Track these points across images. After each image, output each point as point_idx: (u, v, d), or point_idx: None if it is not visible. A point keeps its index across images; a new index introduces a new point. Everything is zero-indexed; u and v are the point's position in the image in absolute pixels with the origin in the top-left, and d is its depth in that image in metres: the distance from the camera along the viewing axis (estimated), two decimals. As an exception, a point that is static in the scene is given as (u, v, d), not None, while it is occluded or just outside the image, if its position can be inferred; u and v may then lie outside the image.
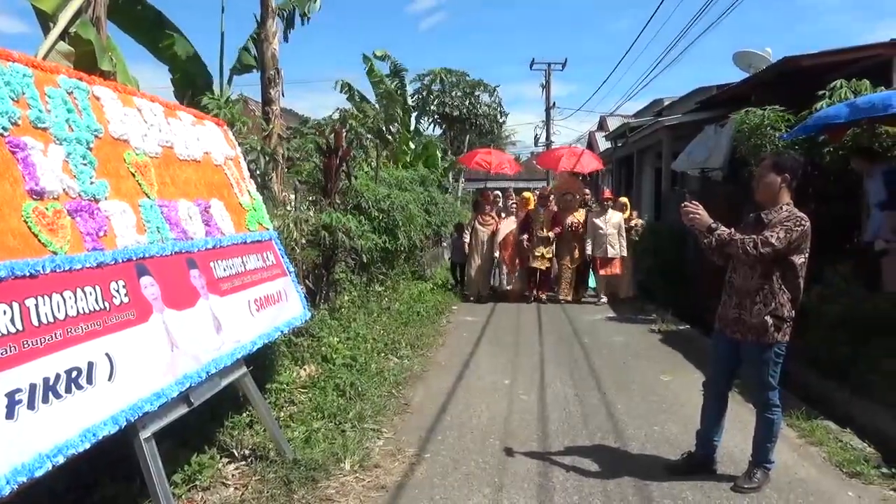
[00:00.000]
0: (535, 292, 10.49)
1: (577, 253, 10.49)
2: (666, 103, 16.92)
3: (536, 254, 10.26)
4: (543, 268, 10.40)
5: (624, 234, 10.32)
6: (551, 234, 10.26)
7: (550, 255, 10.40)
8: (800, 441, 4.43)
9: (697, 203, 3.62)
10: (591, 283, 11.06)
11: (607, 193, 11.15)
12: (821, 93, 7.14)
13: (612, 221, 10.30)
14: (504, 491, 3.66)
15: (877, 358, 4.92)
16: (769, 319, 3.44)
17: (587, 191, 12.72)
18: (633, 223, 10.69)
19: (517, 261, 10.59)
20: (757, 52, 12.58)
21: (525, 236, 10.28)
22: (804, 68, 8.32)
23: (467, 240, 10.92)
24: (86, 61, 4.87)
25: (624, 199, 11.33)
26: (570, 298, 10.46)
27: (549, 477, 3.84)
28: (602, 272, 10.43)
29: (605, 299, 10.45)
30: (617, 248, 10.26)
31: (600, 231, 10.27)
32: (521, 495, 3.61)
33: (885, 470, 3.91)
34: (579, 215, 10.64)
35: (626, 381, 5.90)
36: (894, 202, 5.89)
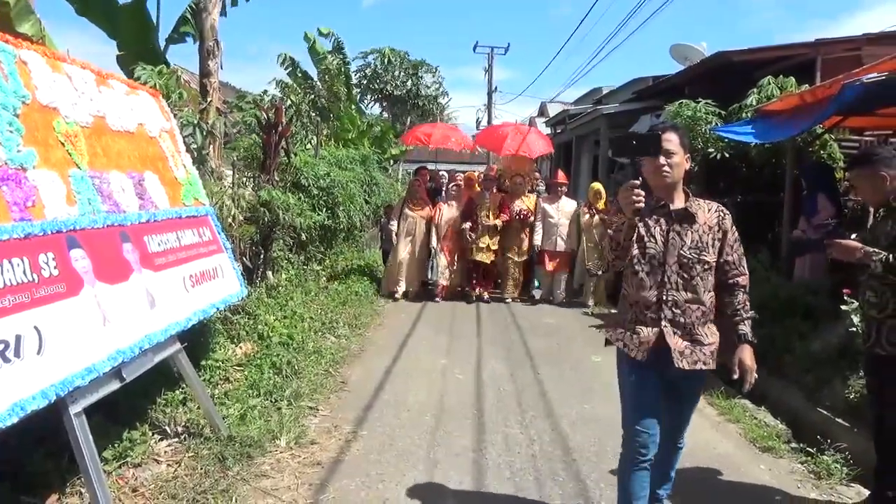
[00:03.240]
0: (477, 290, 9.12)
1: (525, 245, 9.17)
2: (605, 92, 17.25)
3: (481, 245, 8.91)
4: (488, 261, 9.06)
5: (575, 225, 9.02)
6: (498, 223, 8.91)
7: (496, 247, 9.03)
8: (719, 419, 4.69)
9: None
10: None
11: (561, 177, 9.59)
12: (750, 92, 7.48)
13: (565, 210, 9.06)
14: (439, 467, 3.74)
15: (789, 340, 5.24)
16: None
17: (538, 174, 11.09)
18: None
19: (457, 253, 9.20)
20: (692, 46, 12.97)
21: (468, 224, 8.88)
22: (735, 63, 8.66)
23: (393, 228, 9.37)
24: (3, 24, 4.65)
25: (597, 186, 9.17)
26: (515, 296, 9.21)
27: (483, 454, 3.95)
28: (549, 268, 9.11)
29: (559, 296, 9.15)
30: (567, 240, 9.00)
31: (550, 220, 8.99)
32: (455, 471, 3.70)
33: (794, 445, 4.20)
34: (529, 201, 9.22)
35: (558, 362, 6.07)
36: (809, 197, 6.24)
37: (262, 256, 7.00)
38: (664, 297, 2.64)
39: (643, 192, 2.39)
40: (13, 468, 3.06)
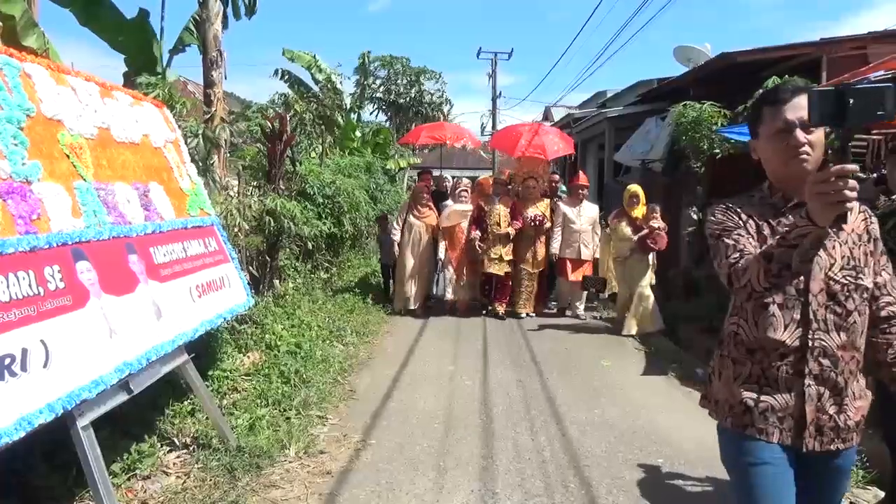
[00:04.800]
0: (496, 305, 8.36)
1: (539, 254, 8.36)
2: (609, 95, 17.22)
3: (493, 256, 8.17)
4: (502, 273, 8.26)
5: (598, 231, 8.36)
6: (511, 231, 8.14)
7: (510, 258, 8.27)
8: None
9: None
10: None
11: (582, 179, 8.48)
12: (756, 92, 7.44)
13: (587, 215, 8.26)
14: (448, 475, 3.71)
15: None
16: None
17: (556, 175, 10.18)
18: (656, 224, 7.32)
19: (467, 265, 8.48)
20: (696, 47, 12.92)
21: (477, 234, 8.20)
22: (740, 64, 8.61)
23: (396, 238, 8.54)
24: (8, 38, 4.67)
25: (635, 188, 7.81)
26: (532, 312, 8.46)
27: (493, 460, 3.92)
28: (573, 277, 8.24)
29: (581, 311, 8.45)
30: (591, 248, 8.24)
31: (572, 226, 8.18)
32: (464, 478, 3.67)
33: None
34: (543, 206, 8.41)
35: (567, 368, 6.03)
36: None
37: (268, 265, 7.00)
38: (810, 343, 1.80)
39: (857, 185, 1.44)
40: (20, 482, 3.05)
